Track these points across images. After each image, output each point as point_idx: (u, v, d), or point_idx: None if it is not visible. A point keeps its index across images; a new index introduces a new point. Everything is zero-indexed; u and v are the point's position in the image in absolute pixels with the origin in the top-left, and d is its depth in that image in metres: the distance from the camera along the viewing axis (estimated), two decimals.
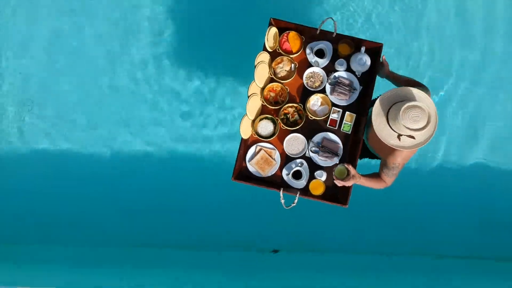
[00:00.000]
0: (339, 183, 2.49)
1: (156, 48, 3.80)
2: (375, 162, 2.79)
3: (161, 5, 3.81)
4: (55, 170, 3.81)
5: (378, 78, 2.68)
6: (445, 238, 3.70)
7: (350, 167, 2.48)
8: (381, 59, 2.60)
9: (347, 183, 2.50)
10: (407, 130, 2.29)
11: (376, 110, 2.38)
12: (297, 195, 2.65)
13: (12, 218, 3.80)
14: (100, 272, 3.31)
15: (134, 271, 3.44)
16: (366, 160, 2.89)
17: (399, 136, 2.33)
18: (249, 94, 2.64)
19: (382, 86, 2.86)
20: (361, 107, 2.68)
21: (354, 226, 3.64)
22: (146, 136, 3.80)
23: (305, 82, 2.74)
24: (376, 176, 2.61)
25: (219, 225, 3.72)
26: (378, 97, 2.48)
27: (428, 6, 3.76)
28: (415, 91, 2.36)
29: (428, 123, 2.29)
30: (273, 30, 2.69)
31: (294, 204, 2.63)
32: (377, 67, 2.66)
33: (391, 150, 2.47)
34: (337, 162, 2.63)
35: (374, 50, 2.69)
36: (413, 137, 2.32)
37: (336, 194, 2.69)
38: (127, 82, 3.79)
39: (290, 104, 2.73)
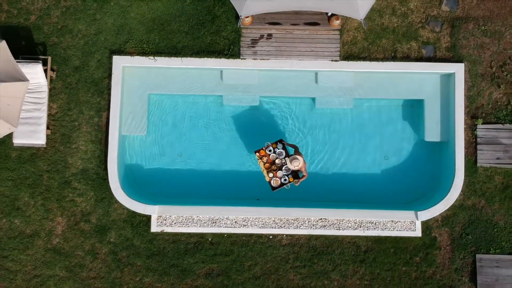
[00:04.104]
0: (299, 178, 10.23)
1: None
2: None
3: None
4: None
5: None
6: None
7: (303, 169, 10.11)
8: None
9: (303, 178, 10.15)
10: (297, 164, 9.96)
11: (288, 163, 10.01)
12: (289, 185, 10.29)
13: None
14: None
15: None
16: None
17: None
18: (262, 170, 10.34)
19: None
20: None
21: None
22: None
23: (272, 159, 10.31)
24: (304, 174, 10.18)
25: (242, 188, 11.29)
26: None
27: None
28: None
29: (301, 161, 9.90)
30: (256, 154, 10.33)
31: (288, 187, 10.29)
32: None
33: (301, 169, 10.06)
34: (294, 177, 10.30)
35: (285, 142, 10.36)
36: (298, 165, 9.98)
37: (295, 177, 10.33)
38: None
39: (274, 167, 10.28)
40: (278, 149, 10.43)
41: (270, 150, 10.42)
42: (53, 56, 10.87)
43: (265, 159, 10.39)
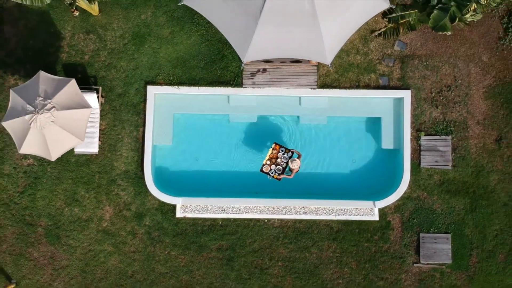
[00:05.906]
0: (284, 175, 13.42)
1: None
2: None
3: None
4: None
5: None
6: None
7: (294, 172, 13.35)
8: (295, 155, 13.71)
9: (288, 176, 13.35)
10: (295, 165, 13.29)
11: (289, 162, 13.28)
12: (270, 178, 13.42)
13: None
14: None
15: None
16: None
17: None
18: (267, 155, 13.56)
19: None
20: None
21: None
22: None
23: (278, 156, 13.60)
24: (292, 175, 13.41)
25: (245, 184, 14.69)
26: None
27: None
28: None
29: (298, 164, 13.31)
30: (273, 145, 13.60)
31: (269, 179, 13.42)
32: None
33: (293, 170, 13.36)
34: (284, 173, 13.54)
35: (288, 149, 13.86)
36: (295, 166, 13.29)
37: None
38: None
39: (273, 161, 13.53)
40: (287, 154, 13.62)
41: (282, 150, 13.56)
42: (102, 86, 14.23)
43: (274, 151, 13.45)
